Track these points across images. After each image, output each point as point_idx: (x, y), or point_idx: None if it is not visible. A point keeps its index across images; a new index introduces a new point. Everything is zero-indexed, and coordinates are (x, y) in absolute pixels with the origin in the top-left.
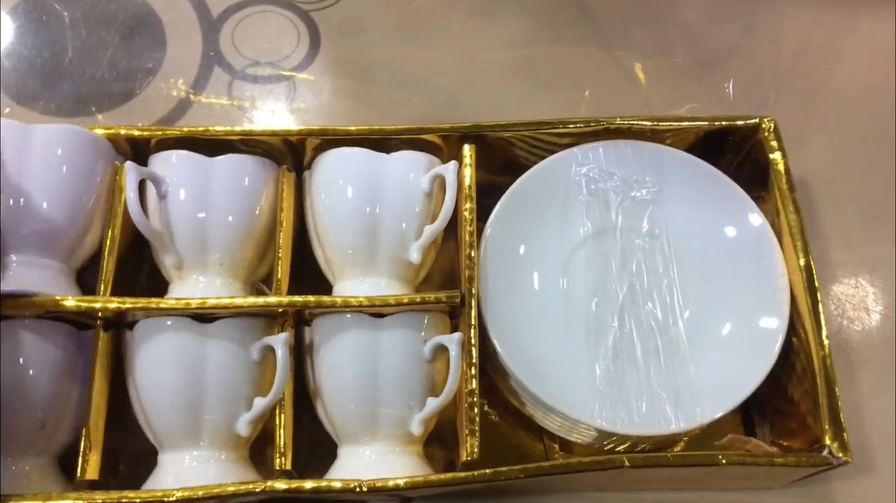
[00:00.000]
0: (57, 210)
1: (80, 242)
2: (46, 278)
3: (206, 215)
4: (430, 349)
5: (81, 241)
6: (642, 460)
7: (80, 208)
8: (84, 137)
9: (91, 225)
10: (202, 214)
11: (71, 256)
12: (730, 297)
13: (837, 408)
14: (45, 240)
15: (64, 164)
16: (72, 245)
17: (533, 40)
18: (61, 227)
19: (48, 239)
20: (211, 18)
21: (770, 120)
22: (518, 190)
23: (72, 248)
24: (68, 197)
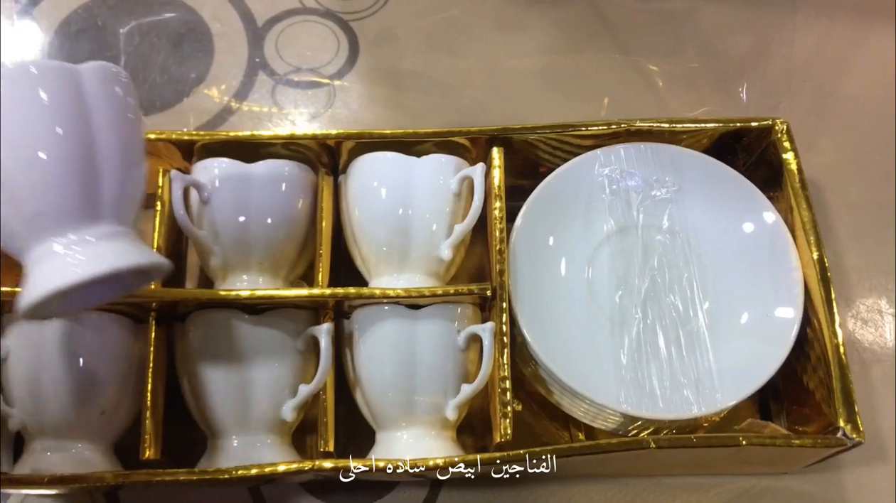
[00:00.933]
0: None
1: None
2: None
3: (247, 219)
4: (464, 339)
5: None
6: (667, 442)
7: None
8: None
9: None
10: (243, 218)
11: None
12: (747, 290)
13: (850, 393)
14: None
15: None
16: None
17: (556, 50)
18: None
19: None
20: (256, 27)
21: (783, 122)
22: (544, 190)
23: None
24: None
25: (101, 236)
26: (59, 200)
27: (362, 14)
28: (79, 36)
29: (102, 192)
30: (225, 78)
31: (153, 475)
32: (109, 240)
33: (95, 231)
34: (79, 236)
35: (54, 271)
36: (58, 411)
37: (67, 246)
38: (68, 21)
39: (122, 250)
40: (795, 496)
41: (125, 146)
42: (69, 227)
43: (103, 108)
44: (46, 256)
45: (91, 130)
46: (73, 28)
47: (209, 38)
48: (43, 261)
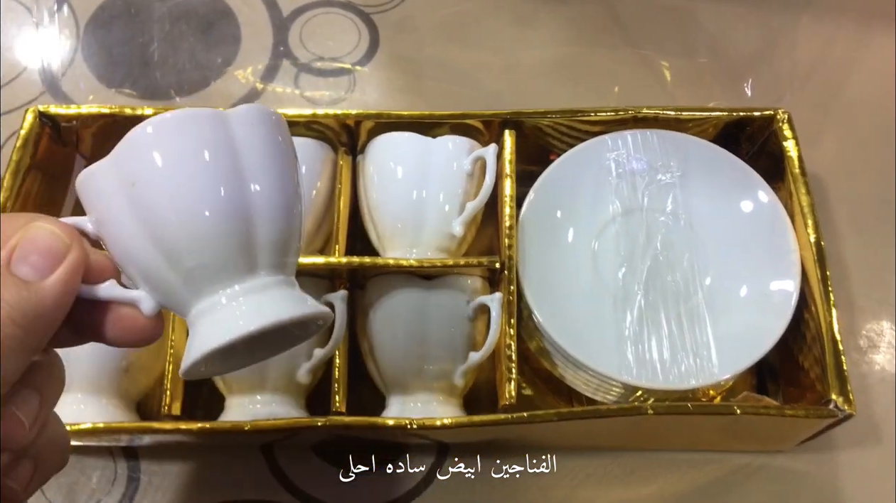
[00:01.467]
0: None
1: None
2: None
3: None
4: (473, 309)
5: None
6: (664, 408)
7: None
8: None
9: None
10: None
11: None
12: (746, 270)
13: (842, 367)
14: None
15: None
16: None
17: (568, 43)
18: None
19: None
20: (282, 17)
21: (784, 111)
22: (554, 171)
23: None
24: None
25: (259, 288)
26: (216, 254)
27: (383, 7)
28: (112, 22)
29: (260, 243)
30: (251, 64)
31: (170, 425)
32: (268, 291)
33: (253, 283)
34: (237, 290)
35: (213, 328)
36: (84, 366)
37: (227, 300)
38: (103, 7)
39: (283, 301)
40: (790, 474)
41: (278, 191)
42: (226, 281)
43: (254, 154)
44: (205, 312)
45: (243, 178)
46: (108, 14)
47: (237, 26)
48: (202, 317)
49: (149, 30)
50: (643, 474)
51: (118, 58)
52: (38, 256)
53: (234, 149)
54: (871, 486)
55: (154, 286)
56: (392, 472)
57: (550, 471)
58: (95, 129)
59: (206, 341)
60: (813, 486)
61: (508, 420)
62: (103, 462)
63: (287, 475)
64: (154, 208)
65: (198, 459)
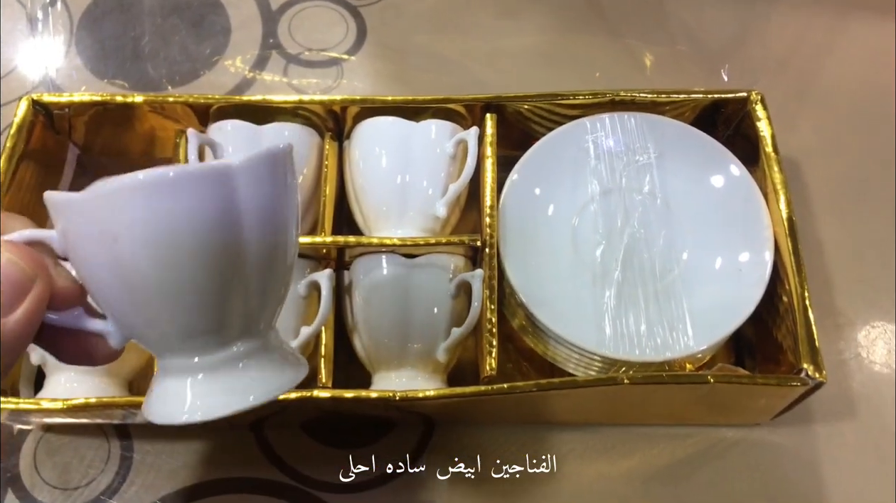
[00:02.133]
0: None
1: None
2: None
3: None
4: (455, 286)
5: None
6: (640, 378)
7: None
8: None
9: None
10: None
11: None
12: (721, 245)
13: (813, 337)
14: None
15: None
16: None
17: (551, 32)
18: None
19: None
20: (271, 10)
21: (758, 93)
22: (535, 153)
23: None
24: None
25: (234, 361)
26: (196, 322)
27: (371, 1)
28: (105, 17)
29: (242, 312)
30: (240, 56)
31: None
32: (244, 368)
33: (229, 354)
34: (205, 362)
35: (171, 403)
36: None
37: (192, 372)
38: (96, 2)
39: (256, 381)
40: (768, 446)
41: (276, 254)
42: (202, 348)
43: (257, 212)
44: (169, 377)
45: (239, 245)
46: (100, 9)
47: (227, 18)
48: (165, 380)
49: (141, 23)
50: (623, 448)
51: (111, 51)
52: (1, 291)
53: (234, 213)
54: (847, 459)
55: (124, 327)
56: (392, 472)
57: (550, 471)
58: (87, 117)
59: (160, 413)
60: (790, 459)
61: (489, 391)
62: (97, 442)
63: (277, 453)
64: (135, 269)
65: (189, 438)
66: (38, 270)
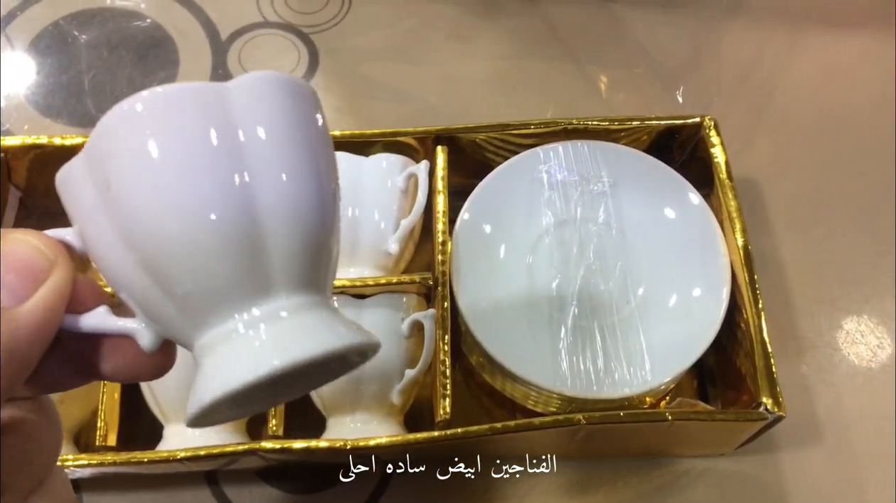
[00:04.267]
0: None
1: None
2: None
3: None
4: (408, 326)
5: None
6: (597, 418)
7: None
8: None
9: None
10: None
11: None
12: (677, 276)
13: (772, 369)
14: None
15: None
16: None
17: (506, 56)
18: None
19: None
20: (220, 40)
21: (711, 118)
22: (486, 186)
23: None
24: None
25: (283, 313)
26: (216, 272)
27: (322, 27)
28: (48, 52)
29: (272, 252)
30: None
31: (107, 457)
32: (295, 317)
33: (271, 307)
34: (254, 316)
35: (224, 367)
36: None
37: (242, 329)
38: (39, 37)
39: (315, 330)
40: (734, 475)
41: (296, 183)
42: (234, 307)
43: (260, 135)
44: (212, 346)
45: (250, 174)
46: (44, 44)
47: (175, 51)
48: (208, 352)
49: (86, 58)
50: (587, 484)
51: (55, 87)
52: (15, 275)
53: (232, 133)
54: (814, 484)
55: (151, 314)
56: (392, 473)
57: (550, 471)
58: (28, 161)
59: (215, 384)
60: (757, 488)
61: (443, 437)
62: None
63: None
64: (132, 215)
65: (141, 489)
66: (58, 255)
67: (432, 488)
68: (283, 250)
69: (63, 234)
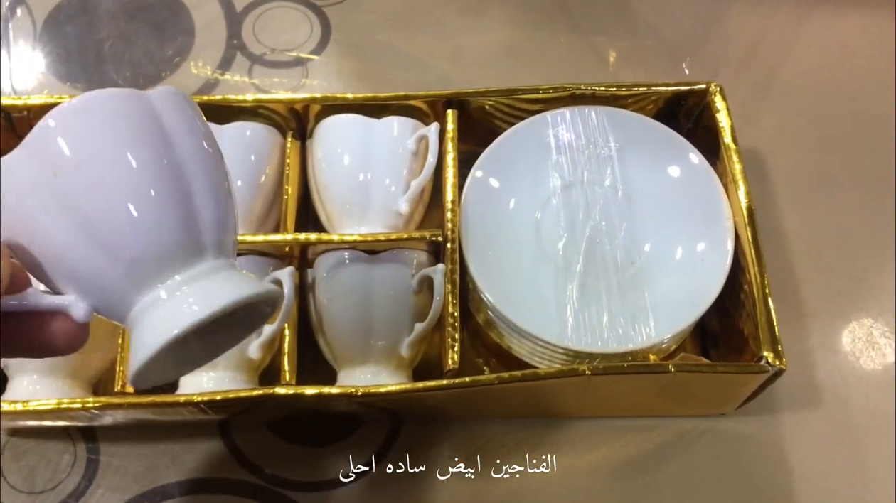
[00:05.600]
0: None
1: None
2: None
3: None
4: (418, 282)
5: None
6: (601, 369)
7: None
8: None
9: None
10: None
11: None
12: (682, 236)
13: (773, 324)
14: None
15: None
16: None
17: (515, 28)
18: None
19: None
20: (235, 12)
21: (716, 85)
22: (496, 148)
23: None
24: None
25: (207, 272)
26: (160, 239)
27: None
28: (67, 21)
29: (202, 224)
30: (205, 58)
31: (127, 400)
32: (213, 275)
33: (201, 268)
34: (184, 276)
35: (165, 320)
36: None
37: (175, 289)
38: (59, 7)
39: (229, 283)
40: (735, 436)
41: (213, 171)
42: (174, 269)
43: (183, 135)
44: (150, 306)
45: (178, 158)
46: (64, 14)
47: (191, 21)
48: (147, 312)
49: (104, 27)
50: (589, 441)
51: (73, 55)
52: None
53: (160, 125)
54: (813, 447)
55: (86, 288)
56: (392, 472)
57: (550, 471)
58: None
59: (153, 338)
60: (757, 448)
61: (451, 385)
62: (63, 445)
63: (244, 452)
64: (84, 196)
65: (156, 440)
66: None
67: (432, 488)
68: (206, 219)
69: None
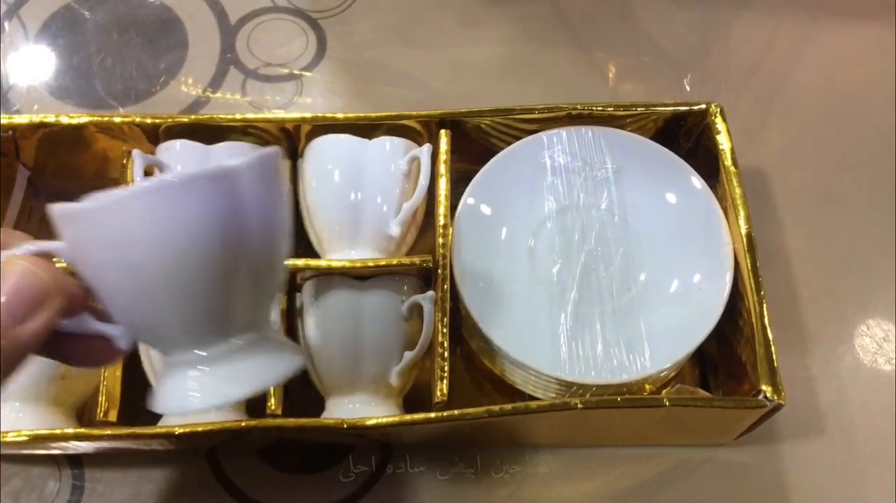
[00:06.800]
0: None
1: None
2: None
3: None
4: (408, 308)
5: None
6: (593, 403)
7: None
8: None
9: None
10: None
11: None
12: (680, 263)
13: (772, 356)
14: None
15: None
16: None
17: (514, 43)
18: None
19: None
20: (229, 24)
21: (717, 105)
22: (489, 170)
23: None
24: None
25: (236, 352)
26: (195, 320)
27: (330, 12)
28: (59, 34)
29: (240, 305)
30: (197, 72)
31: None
32: (234, 361)
33: (226, 347)
34: (211, 354)
35: (174, 396)
36: (20, 374)
37: (198, 364)
38: (52, 18)
39: (247, 374)
40: (733, 467)
41: (272, 245)
42: (201, 345)
43: (258, 211)
44: (176, 372)
45: (242, 243)
46: (56, 26)
47: (184, 33)
48: (173, 375)
49: (96, 40)
50: (585, 471)
51: (66, 69)
52: (17, 300)
53: (239, 212)
54: (815, 477)
55: (133, 329)
56: (392, 473)
57: (550, 471)
58: (37, 139)
59: (166, 405)
60: (757, 478)
61: (439, 419)
62: (48, 470)
63: (232, 481)
64: (146, 272)
65: (142, 466)
66: (56, 283)
67: (432, 488)
68: (251, 301)
69: (54, 247)
